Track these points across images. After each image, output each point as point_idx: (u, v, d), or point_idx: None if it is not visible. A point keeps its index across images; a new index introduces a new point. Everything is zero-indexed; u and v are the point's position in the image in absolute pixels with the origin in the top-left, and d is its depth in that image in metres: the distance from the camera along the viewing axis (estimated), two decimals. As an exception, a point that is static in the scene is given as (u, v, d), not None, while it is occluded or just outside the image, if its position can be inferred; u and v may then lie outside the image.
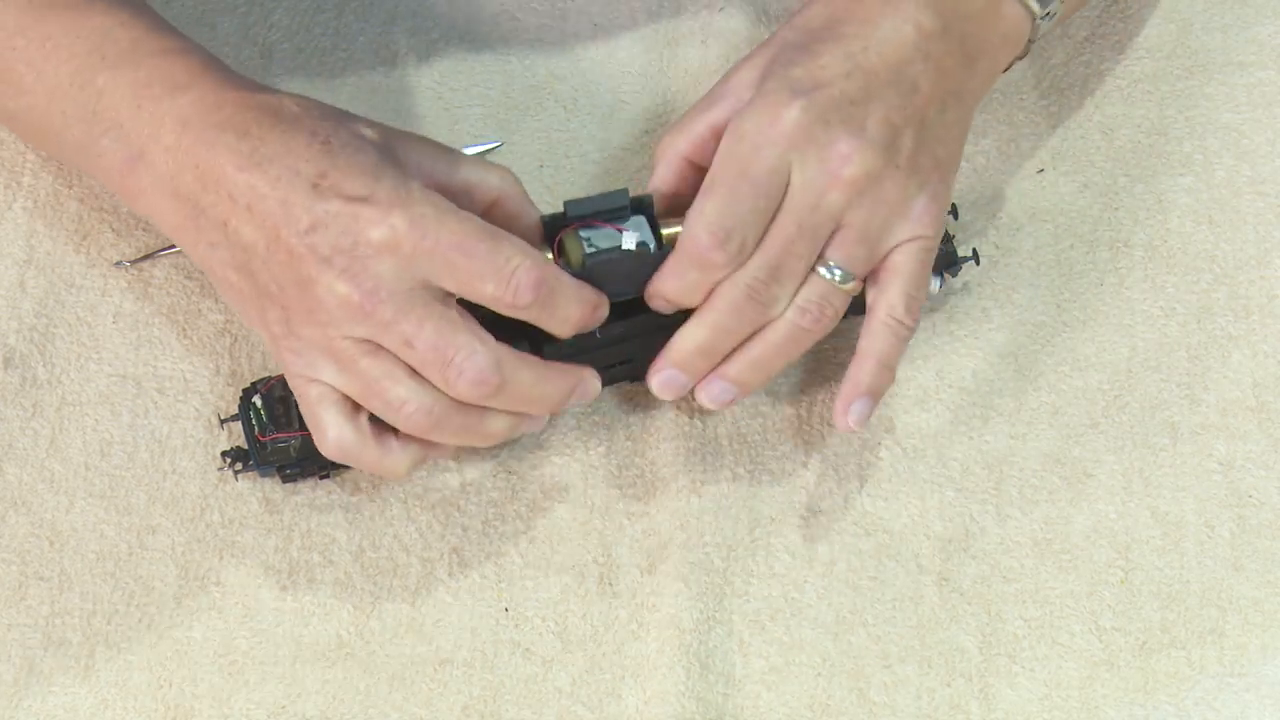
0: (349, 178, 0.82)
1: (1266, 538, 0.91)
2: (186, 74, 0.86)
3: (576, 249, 0.87)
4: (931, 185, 0.88)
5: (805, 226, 0.85)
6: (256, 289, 0.84)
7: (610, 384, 0.92)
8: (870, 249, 0.87)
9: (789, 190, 0.85)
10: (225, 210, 0.84)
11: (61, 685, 0.88)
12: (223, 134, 0.84)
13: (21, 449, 0.93)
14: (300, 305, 0.83)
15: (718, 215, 0.85)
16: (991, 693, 0.87)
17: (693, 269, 0.86)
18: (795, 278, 0.86)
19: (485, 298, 0.83)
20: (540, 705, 0.87)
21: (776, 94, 0.86)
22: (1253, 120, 1.01)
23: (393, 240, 0.81)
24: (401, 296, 0.82)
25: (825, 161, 0.85)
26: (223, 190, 0.83)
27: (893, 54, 0.87)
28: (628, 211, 0.88)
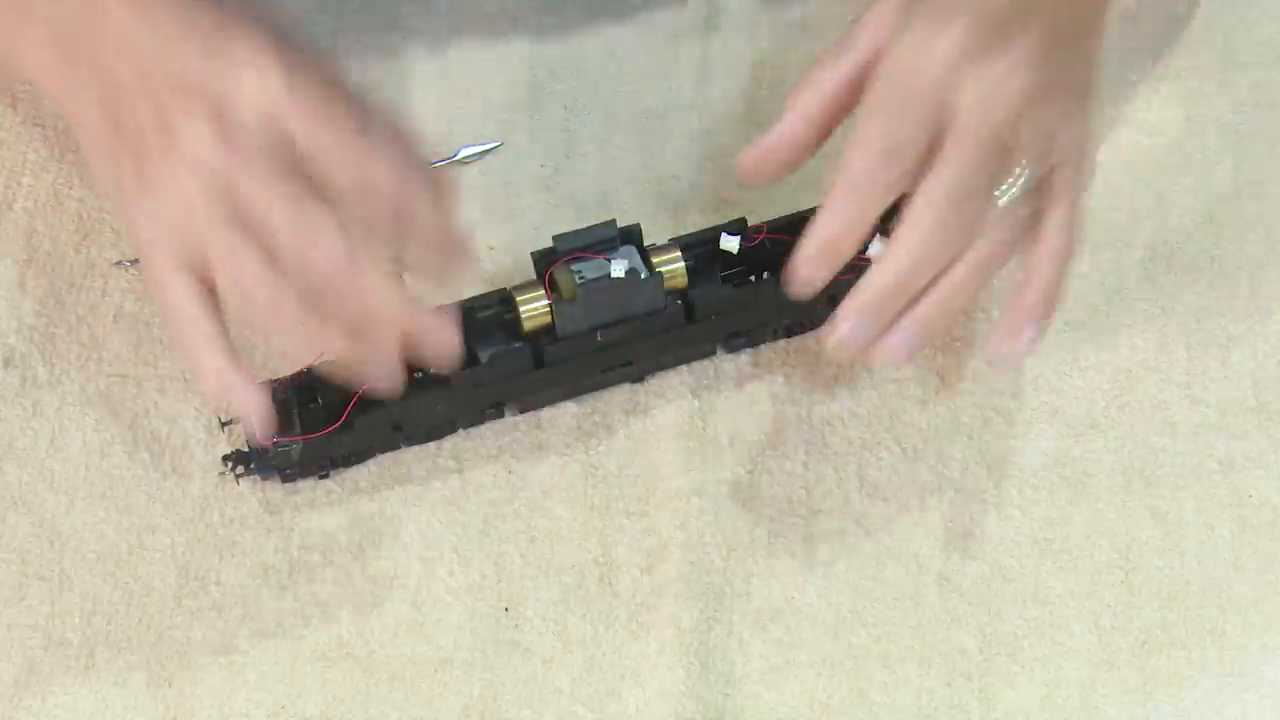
0: (240, 42, 0.79)
1: (1266, 538, 0.91)
2: None
3: (568, 281, 0.88)
4: (1084, 105, 0.86)
5: (984, 140, 0.83)
6: (118, 133, 0.80)
7: (612, 385, 0.93)
8: (1040, 167, 0.85)
9: (960, 107, 0.83)
10: (99, 45, 0.80)
11: (61, 685, 0.88)
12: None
13: (21, 449, 0.93)
14: (158, 151, 0.79)
15: (879, 137, 0.82)
16: (991, 693, 0.87)
17: (854, 202, 0.83)
18: (984, 195, 0.84)
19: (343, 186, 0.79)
20: (540, 705, 0.87)
21: (933, 13, 0.83)
22: (1253, 120, 1.01)
23: (265, 94, 0.78)
24: (266, 151, 0.78)
25: (987, 79, 0.83)
26: (107, 28, 0.80)
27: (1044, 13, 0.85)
28: (617, 242, 0.89)
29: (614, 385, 0.93)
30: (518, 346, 0.90)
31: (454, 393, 0.90)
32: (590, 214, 0.98)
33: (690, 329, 0.92)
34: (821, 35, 1.03)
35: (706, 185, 0.99)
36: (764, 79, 1.02)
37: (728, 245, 0.91)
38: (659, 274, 0.89)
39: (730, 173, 0.98)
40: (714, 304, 0.91)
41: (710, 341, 0.93)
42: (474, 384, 0.90)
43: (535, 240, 0.98)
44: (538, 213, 0.99)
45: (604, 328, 0.90)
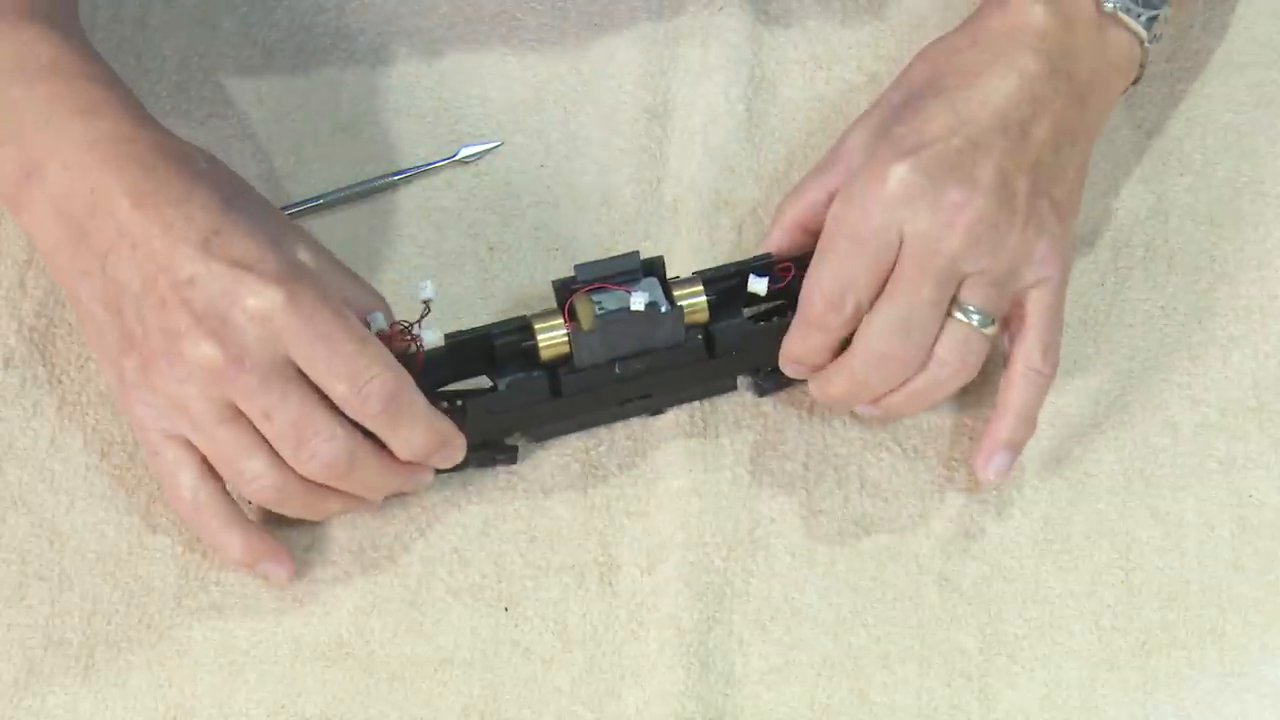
0: (240, 242, 0.82)
1: (1266, 538, 0.91)
2: (104, 103, 0.86)
3: (587, 311, 0.87)
4: (1050, 228, 0.88)
5: (927, 270, 0.85)
6: (120, 330, 0.84)
7: (631, 417, 0.93)
8: (1001, 291, 0.87)
9: (904, 244, 0.86)
10: (108, 241, 0.83)
11: (61, 685, 0.88)
12: (128, 164, 0.83)
13: (21, 449, 0.93)
14: (162, 357, 0.83)
15: (830, 278, 0.86)
16: (991, 693, 0.87)
17: (813, 332, 0.87)
18: (929, 325, 0.86)
19: (336, 395, 0.83)
20: (540, 705, 0.87)
21: (883, 156, 0.87)
22: (1253, 120, 1.01)
23: (267, 312, 0.81)
24: (266, 368, 0.82)
25: (938, 212, 0.85)
26: (111, 220, 0.83)
27: (999, 102, 0.88)
28: (639, 274, 0.89)
29: (631, 417, 0.93)
30: (535, 375, 0.89)
31: (469, 419, 0.89)
32: (590, 214, 0.98)
33: (711, 364, 0.91)
34: (820, 37, 1.03)
35: (706, 185, 0.99)
36: (763, 80, 1.02)
37: (756, 288, 0.90)
38: (679, 308, 0.89)
39: (730, 172, 0.99)
40: (735, 340, 0.91)
41: (731, 376, 0.93)
42: (490, 411, 0.89)
43: (535, 240, 0.98)
44: (538, 213, 0.99)
45: (622, 360, 0.89)
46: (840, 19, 1.04)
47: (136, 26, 1.03)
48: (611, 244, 0.97)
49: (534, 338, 0.88)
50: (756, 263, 0.91)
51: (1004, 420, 0.89)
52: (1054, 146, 0.89)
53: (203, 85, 1.02)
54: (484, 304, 0.96)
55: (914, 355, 0.87)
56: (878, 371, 0.87)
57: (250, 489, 0.84)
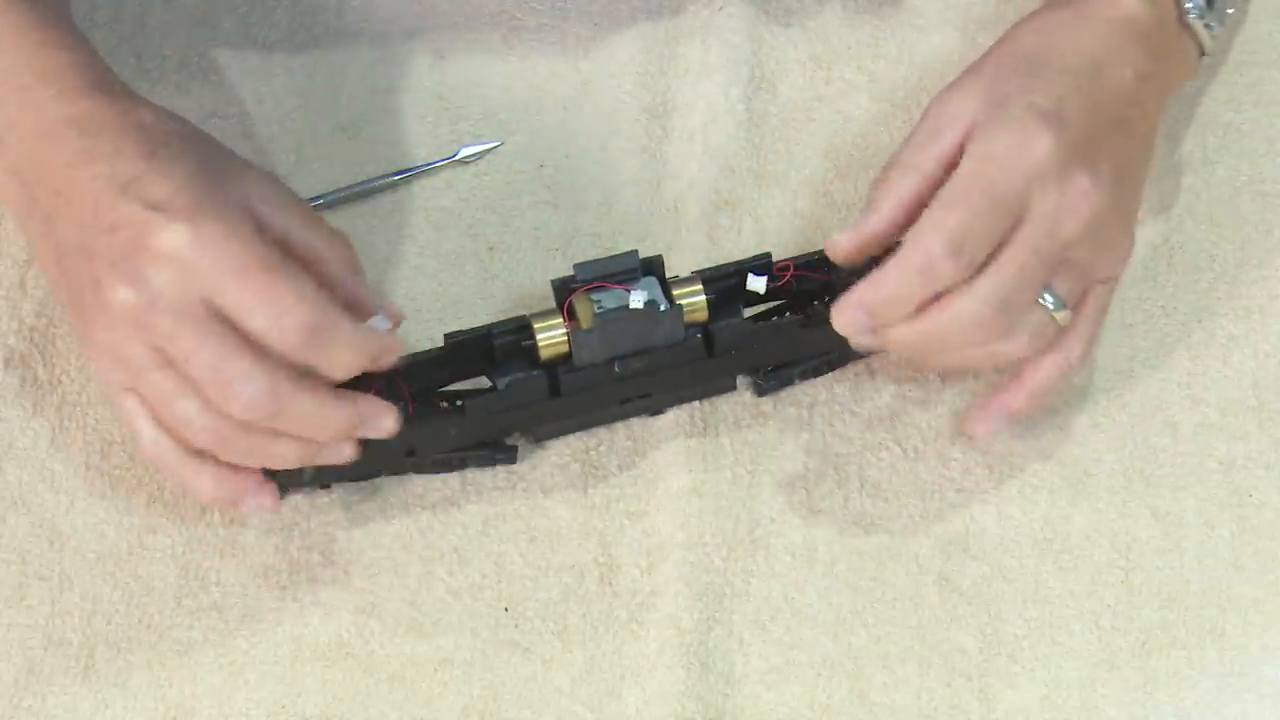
0: (155, 183, 0.82)
1: (1266, 538, 0.91)
2: (59, 69, 0.86)
3: (586, 310, 0.87)
4: (1131, 230, 0.89)
5: (1041, 253, 0.85)
6: (68, 286, 0.84)
7: (630, 417, 0.93)
8: (1083, 284, 0.88)
9: (1026, 217, 0.85)
10: (51, 203, 0.84)
11: (61, 685, 0.88)
12: (68, 129, 0.84)
13: (21, 449, 0.93)
14: (94, 308, 0.83)
15: (957, 227, 0.84)
16: (991, 693, 0.87)
17: (915, 276, 0.85)
18: (1024, 305, 0.86)
19: (255, 331, 0.81)
20: (540, 705, 0.87)
21: (1024, 120, 0.86)
22: (1253, 120, 1.01)
23: (174, 251, 0.81)
24: (180, 309, 0.81)
25: (1066, 195, 0.85)
26: (51, 183, 0.84)
27: (1118, 94, 0.88)
28: (638, 273, 0.89)
29: (631, 417, 0.93)
30: (534, 374, 0.89)
31: (468, 419, 0.89)
32: (590, 214, 0.98)
33: (710, 363, 0.91)
34: (820, 37, 1.03)
35: (706, 185, 0.99)
36: (763, 80, 1.02)
37: (754, 286, 0.90)
38: (679, 306, 0.89)
39: (730, 172, 0.99)
40: (734, 339, 0.91)
41: (730, 376, 0.93)
42: (489, 410, 0.89)
43: (535, 240, 0.98)
44: (538, 213, 0.99)
45: (621, 359, 0.89)
46: (840, 19, 1.04)
47: (136, 26, 1.03)
48: (611, 244, 0.97)
49: (533, 337, 0.89)
50: (755, 262, 0.91)
51: (1019, 394, 0.89)
52: (1145, 146, 0.89)
53: (203, 85, 1.02)
54: (484, 304, 0.96)
55: (1002, 329, 0.86)
56: (960, 334, 0.86)
57: (188, 434, 0.83)
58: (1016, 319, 0.86)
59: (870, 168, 0.99)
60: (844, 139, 1.01)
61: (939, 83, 1.01)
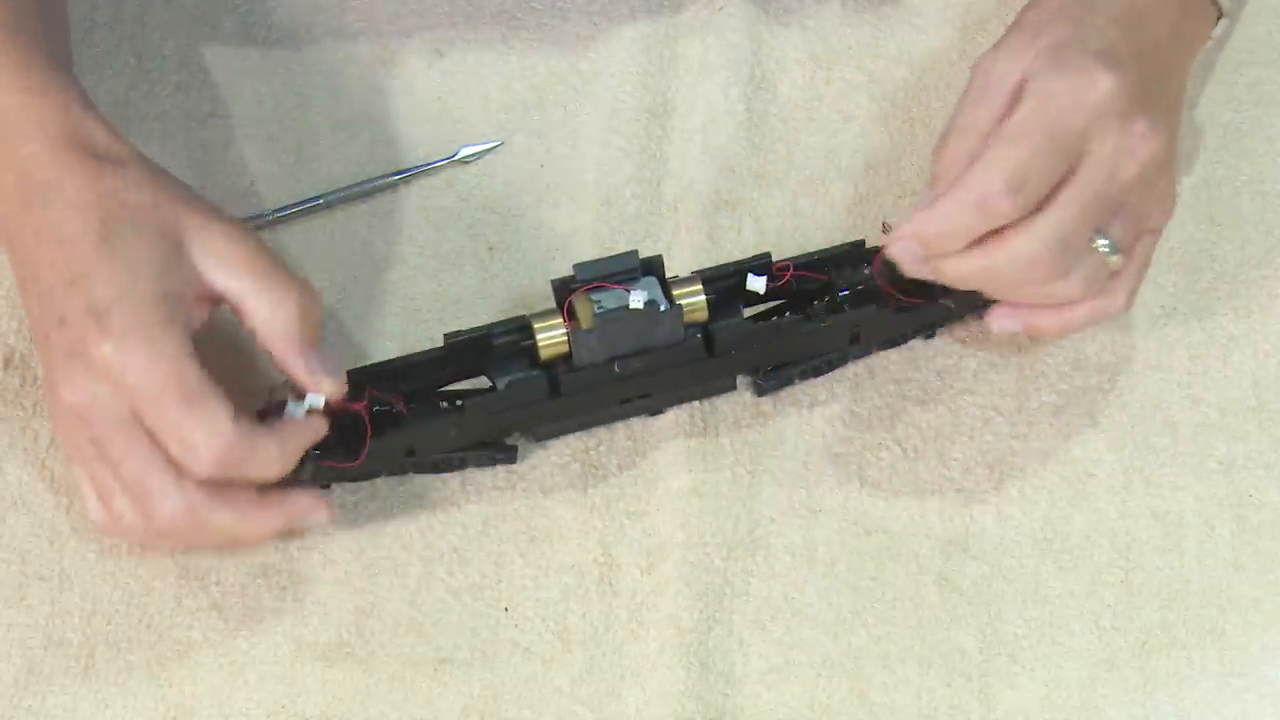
0: (98, 286, 0.82)
1: (1266, 537, 0.91)
2: (38, 119, 0.86)
3: (586, 310, 0.87)
4: (1175, 183, 0.89)
5: (1100, 196, 0.85)
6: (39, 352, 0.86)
7: (630, 417, 0.93)
8: (1134, 232, 0.88)
9: (1086, 158, 0.85)
10: (21, 272, 0.86)
11: (61, 685, 0.88)
12: (36, 198, 0.84)
13: (21, 449, 0.93)
14: (50, 389, 0.84)
15: (1016, 163, 0.84)
16: (991, 693, 0.87)
17: (971, 211, 0.84)
18: (1081, 248, 0.86)
19: (172, 456, 0.82)
20: (540, 705, 0.87)
21: (1083, 61, 0.85)
22: (1253, 120, 1.01)
23: (104, 365, 0.82)
24: (110, 420, 0.82)
25: (1125, 138, 0.85)
26: (20, 253, 0.85)
27: (1159, 45, 0.88)
28: (638, 273, 0.88)
29: (631, 417, 0.93)
30: (534, 374, 0.89)
31: (468, 419, 0.89)
32: (590, 214, 0.98)
33: (710, 363, 0.91)
34: (820, 37, 1.03)
35: (706, 185, 0.99)
36: (763, 80, 1.02)
37: (754, 286, 0.90)
38: (678, 306, 0.89)
39: (730, 172, 0.99)
40: (734, 339, 0.91)
41: (730, 376, 0.93)
42: (489, 410, 0.89)
43: (535, 240, 0.98)
44: (538, 213, 0.99)
45: (621, 358, 0.89)
46: (840, 19, 1.04)
47: (136, 26, 1.03)
48: (611, 244, 0.97)
49: (533, 337, 0.89)
50: (755, 262, 0.91)
51: (1052, 321, 0.88)
52: (1179, 101, 0.90)
53: (203, 85, 1.02)
54: (484, 304, 0.96)
55: (1058, 270, 0.86)
56: (1016, 273, 0.85)
57: (118, 529, 0.84)
58: (1073, 261, 0.86)
59: (871, 167, 1.00)
60: (844, 139, 1.01)
61: (939, 82, 1.02)
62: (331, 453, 0.88)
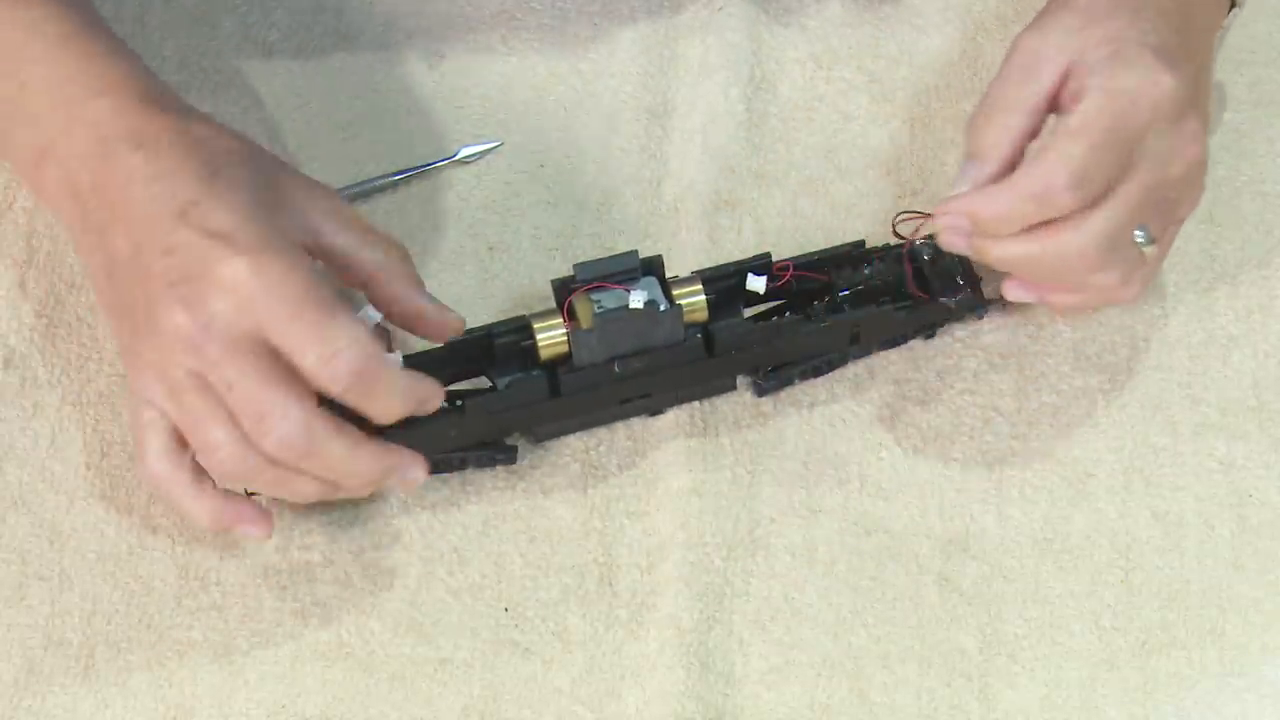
0: (216, 211, 0.82)
1: (1267, 537, 0.91)
2: (108, 79, 0.86)
3: (586, 310, 0.87)
4: None
5: (1150, 194, 0.86)
6: (117, 299, 0.85)
7: (630, 417, 0.93)
8: (1166, 223, 0.89)
9: (1141, 157, 0.86)
10: (105, 217, 0.84)
11: (61, 685, 0.88)
12: (122, 144, 0.84)
13: (21, 449, 0.93)
14: (144, 324, 0.83)
15: (1082, 159, 0.84)
16: (991, 693, 0.87)
17: (1032, 201, 0.85)
18: (1129, 241, 0.87)
19: (304, 368, 0.82)
20: (540, 705, 0.87)
21: (1145, 58, 0.86)
22: (1253, 120, 1.01)
23: (233, 282, 0.81)
24: (231, 339, 0.81)
25: (1177, 137, 0.86)
26: (106, 197, 0.84)
27: (1200, 38, 0.89)
28: (638, 273, 0.88)
29: (631, 417, 0.93)
30: (534, 374, 0.89)
31: (468, 419, 0.89)
32: (590, 214, 0.98)
33: (710, 363, 0.91)
34: (820, 37, 1.03)
35: (706, 185, 0.99)
36: (763, 80, 1.02)
37: (754, 286, 0.91)
38: (678, 307, 0.89)
39: (730, 172, 0.99)
40: (734, 339, 0.91)
41: (730, 376, 0.93)
42: (489, 410, 0.89)
43: (535, 240, 0.98)
44: (538, 213, 0.99)
45: (621, 359, 0.89)
46: (840, 19, 1.04)
47: (136, 26, 1.03)
48: (611, 244, 0.97)
49: (533, 337, 0.89)
50: (755, 262, 0.91)
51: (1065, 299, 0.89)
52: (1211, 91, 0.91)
53: (203, 85, 1.02)
54: (484, 304, 0.96)
55: (1103, 265, 0.86)
56: (1062, 264, 0.86)
57: (212, 460, 0.84)
58: (1117, 255, 0.87)
59: (871, 168, 1.00)
60: (844, 139, 1.01)
61: (939, 82, 1.02)
62: None
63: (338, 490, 0.86)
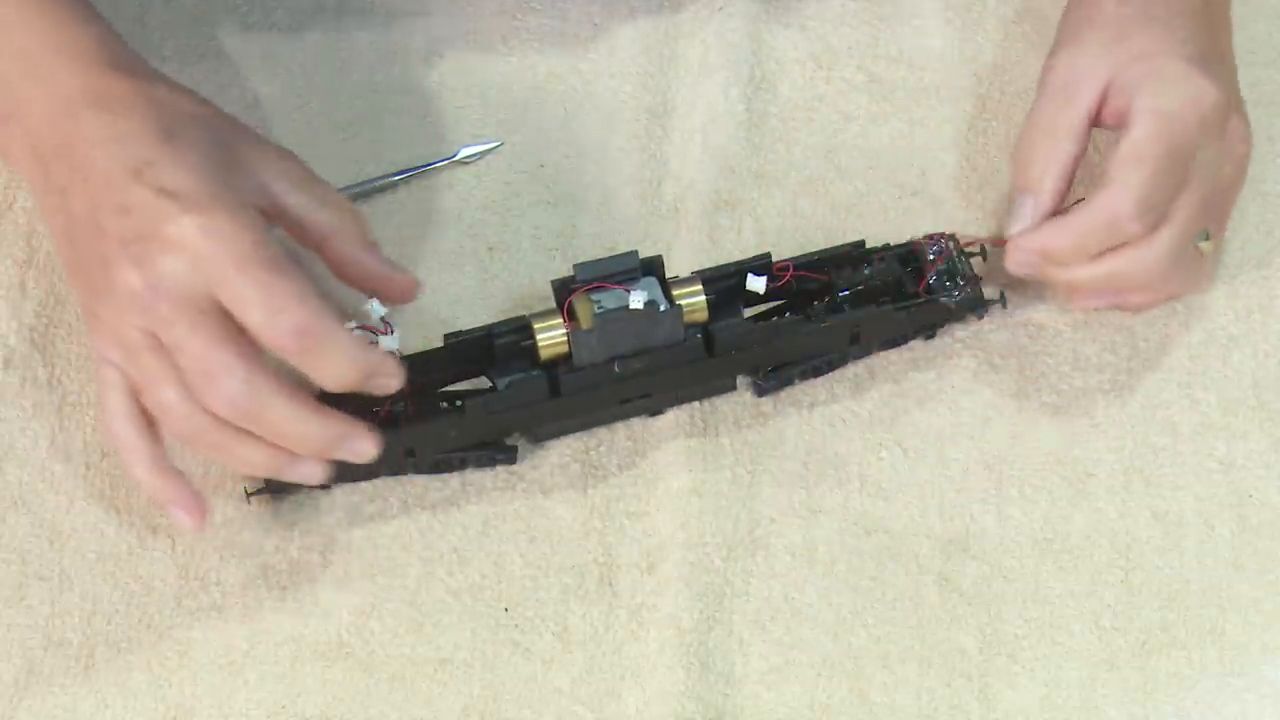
0: (170, 170, 0.83)
1: (1266, 537, 0.91)
2: (77, 45, 0.87)
3: (586, 311, 0.87)
4: None
5: (1207, 199, 0.88)
6: (77, 260, 0.85)
7: (630, 417, 0.93)
8: (1225, 216, 0.91)
9: (1196, 167, 0.87)
10: (65, 178, 0.85)
11: (61, 685, 0.88)
12: (84, 106, 0.85)
13: (21, 449, 0.93)
14: (100, 284, 0.84)
15: (1147, 187, 0.86)
16: (991, 693, 0.87)
17: (1101, 231, 0.87)
18: (1191, 248, 0.89)
19: (251, 326, 0.82)
20: (540, 705, 0.87)
21: (1187, 73, 0.87)
22: (1253, 120, 1.00)
23: (182, 241, 0.81)
24: (181, 299, 0.82)
25: (1224, 142, 0.88)
26: (67, 158, 0.85)
27: (1229, 36, 0.91)
28: (638, 273, 0.89)
29: (631, 417, 0.93)
30: (534, 374, 0.89)
31: (468, 419, 0.89)
32: (590, 214, 0.98)
33: (710, 363, 0.91)
34: (820, 37, 1.03)
35: (706, 185, 0.99)
36: (763, 80, 1.02)
37: (754, 286, 0.91)
38: (678, 307, 0.89)
39: (730, 172, 0.99)
40: (734, 339, 0.91)
41: (730, 376, 0.93)
42: (489, 410, 0.89)
43: (535, 240, 0.98)
44: (538, 213, 0.99)
45: (621, 359, 0.89)
46: (840, 19, 1.04)
47: (136, 26, 1.03)
48: (611, 244, 0.97)
49: (533, 337, 0.89)
50: (755, 262, 0.91)
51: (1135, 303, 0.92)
52: None
53: (202, 85, 1.01)
54: (484, 304, 0.96)
55: (1173, 275, 0.89)
56: (1131, 281, 0.88)
57: (165, 420, 0.84)
58: (1184, 263, 0.89)
59: (871, 168, 1.00)
60: (844, 139, 1.01)
61: (939, 82, 1.02)
62: None
63: (290, 463, 0.85)
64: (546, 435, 0.92)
